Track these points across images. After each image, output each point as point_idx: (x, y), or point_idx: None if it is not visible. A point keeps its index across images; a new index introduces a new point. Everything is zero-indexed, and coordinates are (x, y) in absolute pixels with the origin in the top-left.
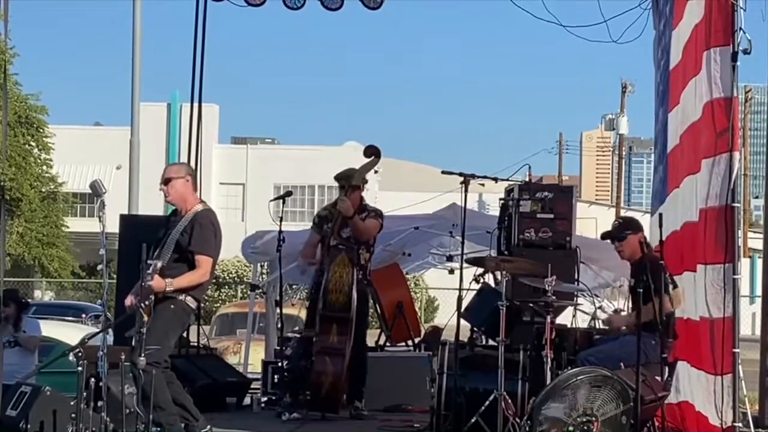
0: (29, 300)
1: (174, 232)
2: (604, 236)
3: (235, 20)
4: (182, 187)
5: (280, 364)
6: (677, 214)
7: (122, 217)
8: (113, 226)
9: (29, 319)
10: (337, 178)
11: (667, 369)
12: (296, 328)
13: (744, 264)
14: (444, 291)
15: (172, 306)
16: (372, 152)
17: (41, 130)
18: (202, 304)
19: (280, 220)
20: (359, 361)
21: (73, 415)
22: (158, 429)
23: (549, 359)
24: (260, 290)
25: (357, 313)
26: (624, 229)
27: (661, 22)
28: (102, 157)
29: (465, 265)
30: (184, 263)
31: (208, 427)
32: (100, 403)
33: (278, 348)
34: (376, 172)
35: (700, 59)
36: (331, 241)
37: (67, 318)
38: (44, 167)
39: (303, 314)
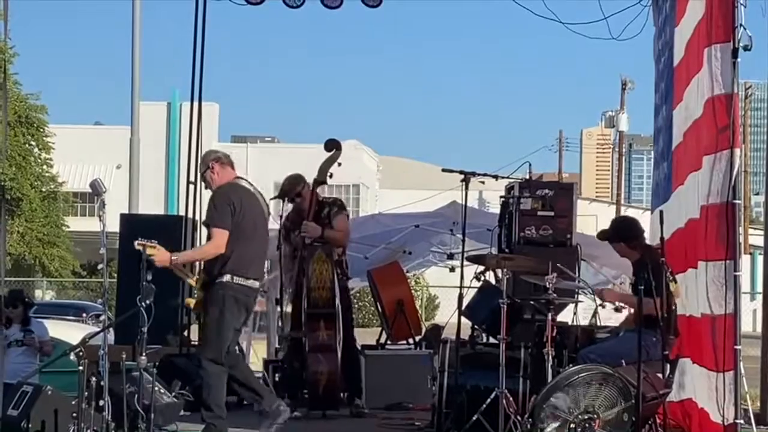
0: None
1: None
2: (599, 236)
3: (235, 19)
4: (212, 176)
5: (280, 362)
6: (681, 211)
7: (122, 217)
8: (113, 226)
9: (36, 320)
10: (285, 191)
11: (668, 366)
12: (285, 331)
13: (745, 261)
14: (445, 289)
15: (219, 291)
16: (333, 146)
17: (41, 130)
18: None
19: (281, 219)
20: (351, 356)
21: (74, 415)
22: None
23: (550, 357)
24: (261, 289)
25: (341, 307)
26: (608, 234)
27: (660, 18)
28: (102, 156)
29: (466, 263)
30: None
31: (277, 403)
32: (101, 403)
33: (279, 347)
34: (339, 164)
35: (701, 56)
36: (306, 241)
37: (67, 317)
38: (44, 167)
39: None
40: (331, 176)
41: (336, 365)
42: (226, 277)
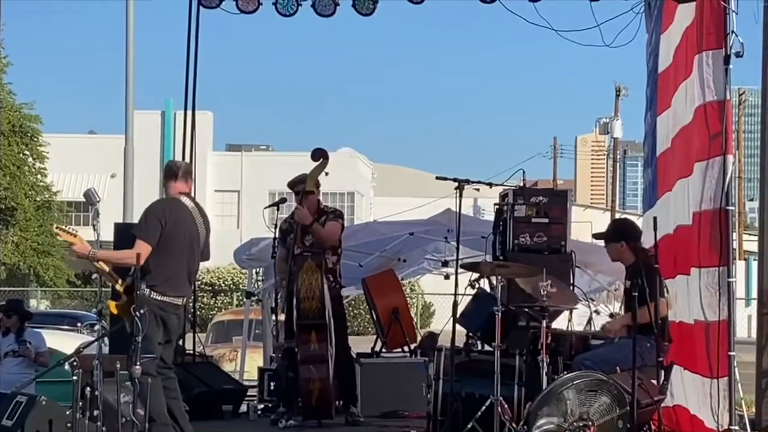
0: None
1: None
2: (595, 236)
3: (229, 27)
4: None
5: (275, 371)
6: (669, 217)
7: (117, 226)
8: (108, 235)
9: (33, 331)
10: (291, 184)
11: (663, 372)
12: (280, 339)
13: (740, 266)
14: (440, 296)
15: (138, 303)
16: (320, 155)
17: (35, 139)
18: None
19: (275, 227)
20: (346, 364)
21: (68, 425)
22: None
23: (545, 364)
24: (256, 297)
25: (333, 316)
26: (609, 234)
27: (651, 26)
28: (96, 165)
29: (460, 270)
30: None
31: None
32: (96, 412)
33: (274, 355)
34: (326, 174)
35: (691, 63)
36: (295, 250)
37: (62, 327)
38: (39, 176)
39: None
40: (319, 186)
41: (328, 375)
42: (145, 291)
